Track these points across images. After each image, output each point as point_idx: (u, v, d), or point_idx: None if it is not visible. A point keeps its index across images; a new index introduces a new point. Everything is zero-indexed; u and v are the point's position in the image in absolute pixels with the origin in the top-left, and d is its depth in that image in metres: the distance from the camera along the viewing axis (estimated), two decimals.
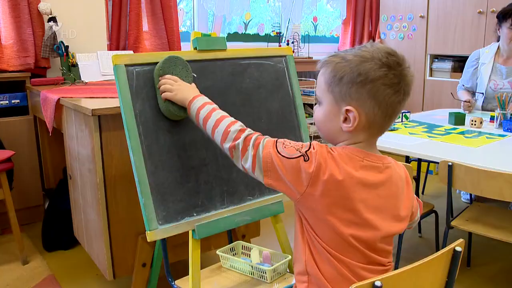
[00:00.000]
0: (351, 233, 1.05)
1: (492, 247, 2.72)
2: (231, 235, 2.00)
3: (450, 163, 1.99)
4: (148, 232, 1.34)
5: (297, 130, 1.70)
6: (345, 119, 1.05)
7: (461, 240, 1.17)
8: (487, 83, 3.17)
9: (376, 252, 1.10)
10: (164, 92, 1.37)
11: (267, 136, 1.13)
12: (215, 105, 1.28)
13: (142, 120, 1.37)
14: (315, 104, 1.15)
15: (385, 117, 1.06)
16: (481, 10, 4.02)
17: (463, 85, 3.35)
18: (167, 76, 1.39)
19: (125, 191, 1.88)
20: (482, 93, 3.18)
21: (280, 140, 1.10)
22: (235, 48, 1.61)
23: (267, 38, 4.30)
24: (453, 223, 2.18)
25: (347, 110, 1.04)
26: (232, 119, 1.22)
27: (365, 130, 1.06)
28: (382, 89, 1.02)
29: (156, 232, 1.35)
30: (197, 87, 1.42)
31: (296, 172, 1.03)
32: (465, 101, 3.09)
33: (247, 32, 4.27)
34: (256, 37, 4.32)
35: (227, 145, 1.16)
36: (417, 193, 3.11)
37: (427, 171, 3.67)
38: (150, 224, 1.34)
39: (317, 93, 1.12)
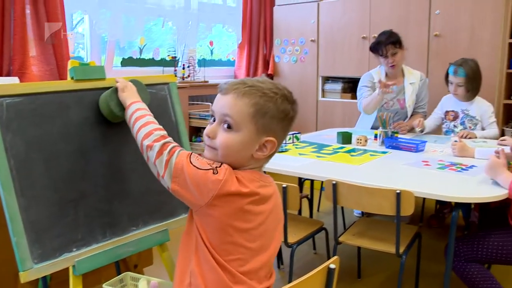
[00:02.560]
0: (245, 243, 1.15)
1: (379, 258, 2.88)
2: (119, 267, 1.94)
3: (334, 182, 2.09)
4: (21, 273, 1.26)
5: None
6: (260, 148, 1.17)
7: (335, 257, 1.26)
8: None
9: (262, 263, 1.21)
10: (118, 84, 1.47)
11: (183, 149, 1.21)
12: (152, 115, 1.36)
13: (13, 154, 1.31)
14: (214, 123, 1.18)
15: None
16: (365, 35, 4.31)
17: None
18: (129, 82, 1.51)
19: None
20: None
21: (195, 154, 1.17)
22: (115, 77, 1.59)
23: (162, 63, 4.28)
24: (340, 238, 2.28)
25: (267, 141, 1.16)
26: (161, 127, 1.30)
27: (269, 157, 1.22)
28: (290, 124, 1.21)
29: (30, 272, 1.28)
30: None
31: (203, 182, 1.11)
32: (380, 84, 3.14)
33: (142, 56, 4.21)
34: (151, 62, 4.27)
35: (146, 143, 1.23)
36: (311, 211, 3.23)
37: (321, 189, 3.82)
38: (23, 264, 1.27)
39: (234, 118, 1.13)
